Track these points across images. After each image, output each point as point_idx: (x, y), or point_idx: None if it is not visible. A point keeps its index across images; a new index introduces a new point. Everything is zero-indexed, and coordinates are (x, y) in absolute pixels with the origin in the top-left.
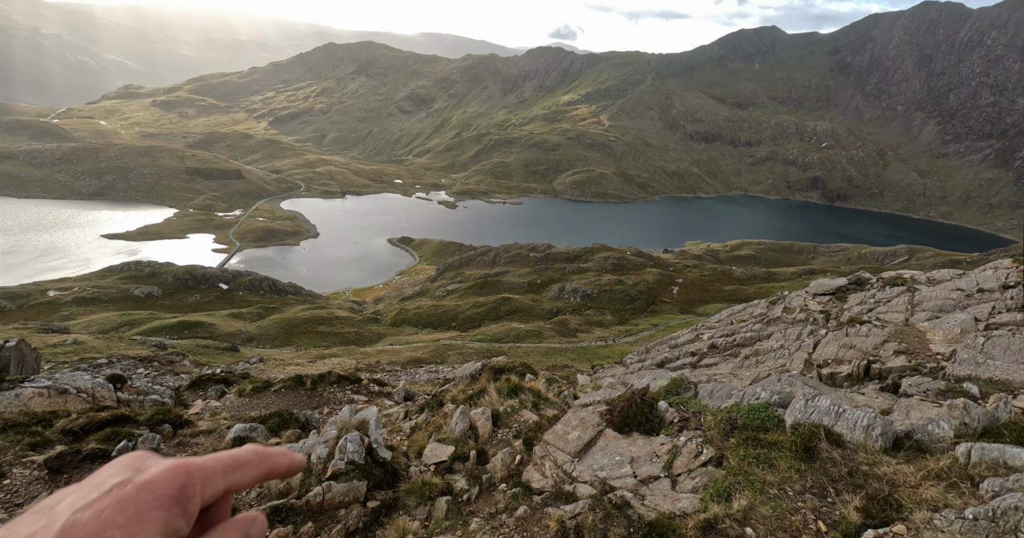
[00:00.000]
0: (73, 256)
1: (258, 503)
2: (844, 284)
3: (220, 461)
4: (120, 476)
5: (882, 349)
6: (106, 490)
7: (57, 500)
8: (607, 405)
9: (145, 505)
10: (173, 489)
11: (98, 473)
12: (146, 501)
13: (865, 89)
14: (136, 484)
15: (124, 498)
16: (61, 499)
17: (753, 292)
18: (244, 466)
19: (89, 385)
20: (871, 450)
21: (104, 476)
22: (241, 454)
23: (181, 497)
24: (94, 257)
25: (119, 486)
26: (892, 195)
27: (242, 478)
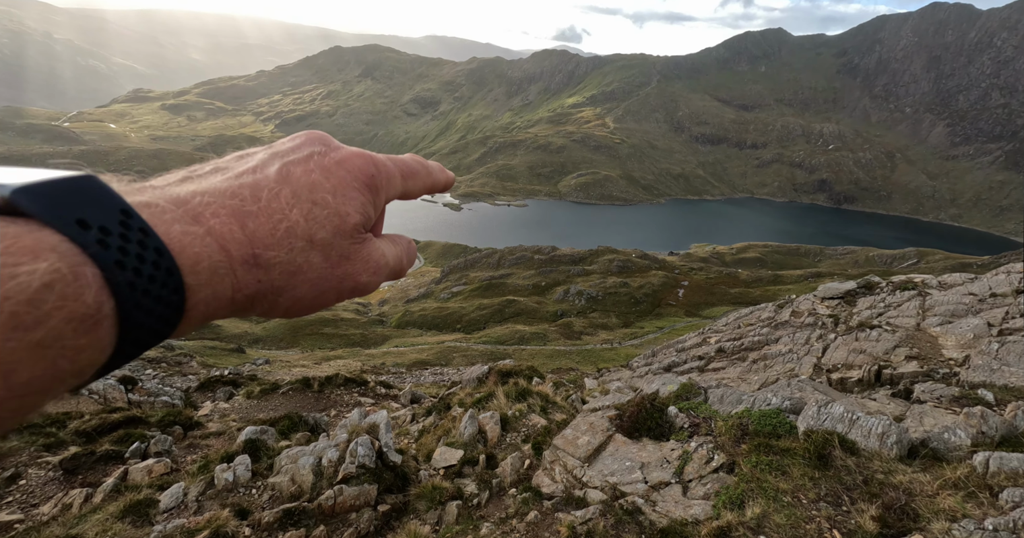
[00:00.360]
0: None
1: (271, 505)
2: (853, 288)
3: (398, 166)
4: (314, 147)
5: (893, 354)
6: (306, 155)
7: (251, 150)
8: (616, 410)
9: (345, 181)
10: (366, 175)
11: (281, 142)
12: (345, 178)
13: (873, 91)
14: (334, 159)
15: (326, 167)
16: (254, 151)
17: (759, 295)
18: (415, 175)
19: (101, 386)
20: (886, 458)
21: (294, 144)
22: (411, 164)
23: (372, 186)
24: None
25: (318, 156)
26: (900, 198)
27: (413, 186)
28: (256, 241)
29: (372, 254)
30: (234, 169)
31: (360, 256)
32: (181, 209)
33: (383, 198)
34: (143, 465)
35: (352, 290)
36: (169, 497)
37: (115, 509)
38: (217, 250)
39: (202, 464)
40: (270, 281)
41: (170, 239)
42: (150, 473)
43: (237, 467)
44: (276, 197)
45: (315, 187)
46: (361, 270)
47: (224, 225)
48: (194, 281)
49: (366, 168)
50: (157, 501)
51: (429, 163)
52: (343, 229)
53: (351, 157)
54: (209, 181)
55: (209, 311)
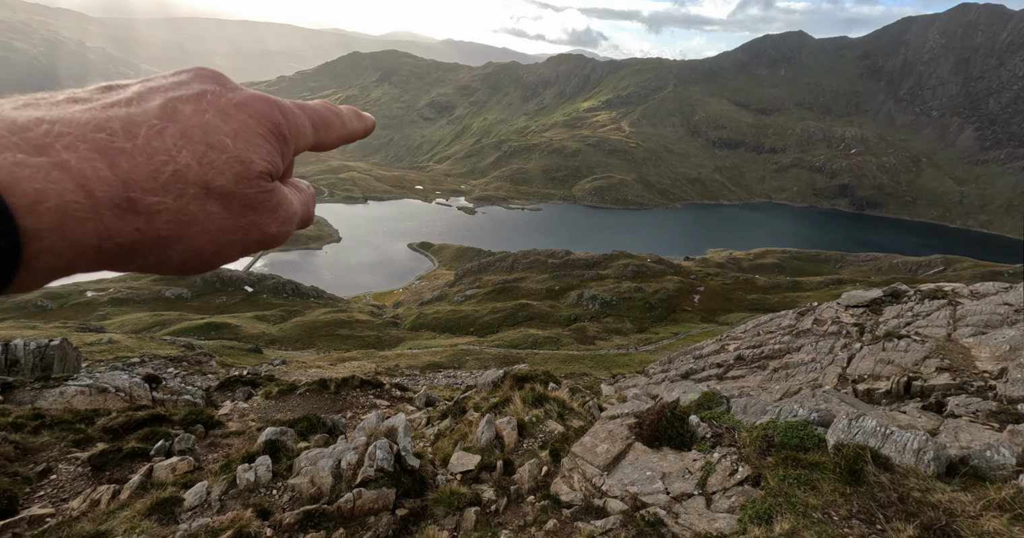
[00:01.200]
0: None
1: (291, 507)
2: (879, 296)
3: (308, 114)
4: (206, 85)
5: (923, 365)
6: (197, 93)
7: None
8: (636, 418)
9: (247, 126)
10: (271, 123)
11: (175, 72)
12: (247, 123)
13: (897, 94)
14: (232, 100)
15: (222, 109)
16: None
17: (778, 302)
18: (328, 125)
19: (127, 384)
20: (923, 475)
21: (179, 79)
22: (323, 112)
23: (279, 134)
24: None
25: (212, 95)
26: (926, 203)
27: (327, 136)
28: (132, 183)
29: (281, 203)
30: (98, 100)
31: (268, 206)
32: (18, 136)
33: (292, 148)
34: (167, 463)
35: (260, 242)
36: (193, 495)
37: (142, 506)
38: (72, 189)
39: (224, 463)
40: (154, 231)
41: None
42: (174, 471)
43: (258, 467)
44: (159, 135)
45: (210, 129)
46: (270, 221)
47: (84, 161)
48: (34, 224)
49: (271, 114)
50: (182, 499)
51: (341, 109)
52: (247, 176)
53: (252, 101)
54: (63, 110)
55: (64, 262)
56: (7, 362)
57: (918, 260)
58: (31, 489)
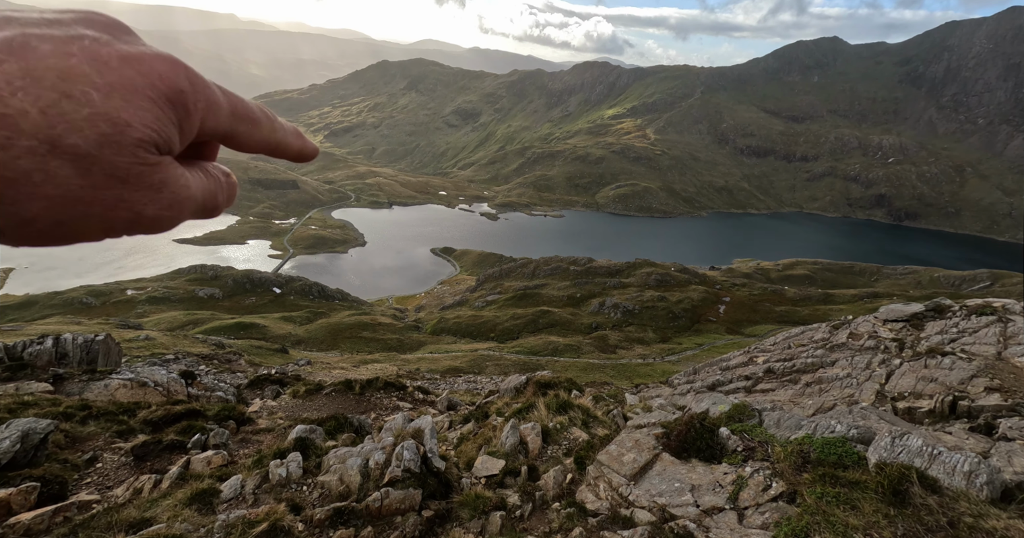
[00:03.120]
0: (150, 258)
1: (321, 503)
2: (920, 311)
3: (231, 99)
4: (93, 31)
5: (970, 384)
6: (72, 36)
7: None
8: (663, 428)
9: (130, 83)
10: (169, 87)
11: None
12: (131, 79)
13: (940, 101)
14: (119, 52)
15: (101, 59)
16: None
17: (808, 314)
18: (253, 121)
19: (165, 379)
20: (975, 500)
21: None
22: (251, 107)
23: (177, 102)
24: (167, 260)
25: (92, 41)
26: (971, 215)
27: (247, 131)
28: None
29: (167, 182)
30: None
31: (147, 182)
32: None
33: (195, 122)
34: (203, 456)
35: (131, 222)
36: (229, 488)
37: (182, 496)
38: None
39: (256, 459)
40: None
41: None
42: (209, 464)
43: (289, 464)
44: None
45: (72, 76)
46: (148, 201)
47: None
48: None
49: (172, 78)
50: (219, 491)
51: (279, 119)
52: (119, 142)
53: (149, 58)
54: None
55: None
56: (57, 355)
57: (962, 274)
58: (79, 476)
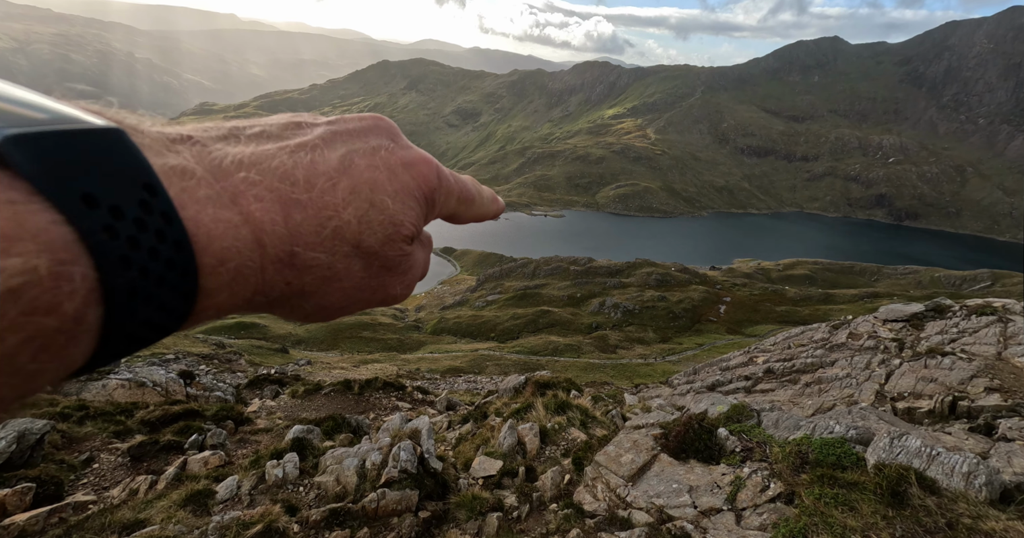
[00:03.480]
0: None
1: (317, 504)
2: (920, 310)
3: (458, 186)
4: (382, 140)
5: (970, 385)
6: (373, 147)
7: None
8: (661, 428)
9: (408, 188)
10: (428, 186)
11: (358, 118)
12: (408, 184)
13: (940, 101)
14: (402, 159)
15: (392, 167)
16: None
17: (808, 314)
18: (470, 202)
19: (163, 379)
20: (973, 501)
21: (361, 126)
22: (471, 188)
23: (431, 199)
24: None
25: (386, 151)
26: (971, 215)
27: (465, 211)
28: (298, 238)
29: (413, 267)
30: (287, 139)
31: (401, 268)
32: (220, 184)
33: (435, 212)
34: (200, 456)
35: (382, 301)
36: (225, 489)
37: (177, 497)
38: (251, 245)
39: (253, 459)
40: (300, 285)
41: (198, 228)
42: (206, 464)
43: (286, 464)
44: (332, 189)
45: (377, 187)
46: (397, 282)
47: (266, 213)
48: (212, 284)
49: (430, 178)
50: (214, 492)
51: (484, 191)
52: (394, 238)
53: (419, 162)
54: (258, 148)
55: (215, 315)
56: None
57: (962, 274)
58: (75, 476)
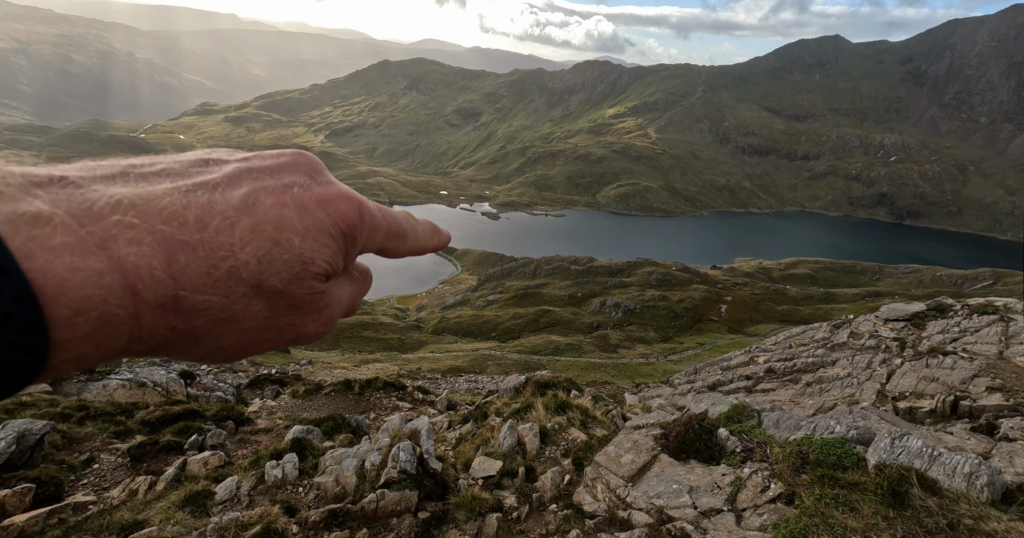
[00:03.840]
0: None
1: (316, 505)
2: (921, 310)
3: (388, 220)
4: (297, 176)
5: (972, 384)
6: (285, 184)
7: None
8: (661, 429)
9: (320, 224)
10: (346, 223)
11: (275, 155)
12: (321, 221)
13: (942, 100)
14: (317, 196)
15: (303, 205)
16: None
17: (810, 313)
18: (402, 236)
19: (164, 380)
20: (975, 502)
21: (276, 163)
22: (402, 223)
23: (349, 236)
24: None
25: (300, 188)
26: (973, 214)
27: (397, 246)
28: (183, 281)
29: (328, 305)
30: (190, 178)
31: (313, 306)
32: (86, 229)
33: (358, 249)
34: (200, 457)
35: (292, 340)
36: (224, 490)
37: (176, 498)
38: (119, 292)
39: (253, 459)
40: (189, 329)
41: (46, 279)
42: (206, 465)
43: (285, 465)
44: (229, 228)
45: (283, 224)
46: (310, 321)
47: (142, 258)
48: (67, 335)
49: (349, 215)
50: (213, 493)
51: (420, 224)
52: (301, 277)
53: (336, 198)
54: (150, 188)
55: (78, 366)
56: None
57: (964, 273)
58: (75, 477)
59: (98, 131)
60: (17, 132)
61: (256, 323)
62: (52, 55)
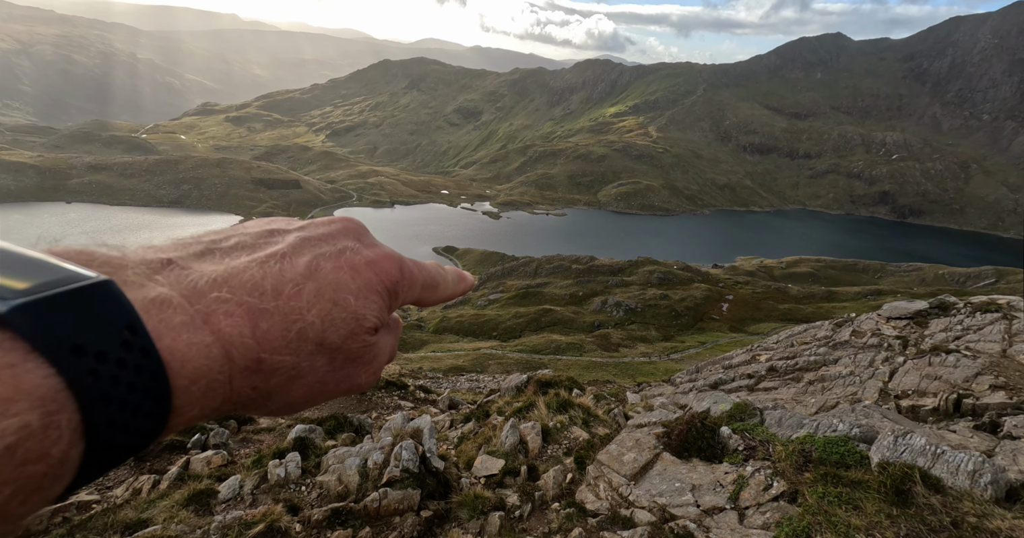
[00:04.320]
0: None
1: (319, 504)
2: (924, 308)
3: (422, 274)
4: (347, 242)
5: (975, 382)
6: (339, 249)
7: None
8: (663, 427)
9: (369, 283)
10: (391, 281)
11: (327, 222)
12: (371, 280)
13: (944, 97)
14: (365, 258)
15: (355, 266)
16: (285, 228)
17: (811, 312)
18: (435, 287)
19: None
20: (979, 500)
21: (329, 231)
22: (435, 275)
23: (393, 291)
24: None
25: (351, 252)
26: (976, 212)
27: (430, 296)
28: (264, 344)
29: (377, 356)
30: (260, 250)
31: (365, 358)
32: (195, 307)
33: (399, 303)
34: (203, 456)
35: (347, 390)
36: (227, 489)
37: (180, 497)
38: (220, 361)
39: (256, 458)
40: (267, 388)
41: (172, 355)
42: (209, 464)
43: (288, 464)
44: (298, 294)
45: (340, 286)
46: (362, 372)
47: (235, 327)
48: (184, 402)
49: (392, 273)
50: (216, 492)
51: (449, 273)
52: (356, 332)
53: (382, 259)
54: (232, 262)
55: (184, 427)
56: None
57: (966, 271)
58: None
59: (100, 131)
60: (19, 133)
61: (319, 377)
62: (54, 56)
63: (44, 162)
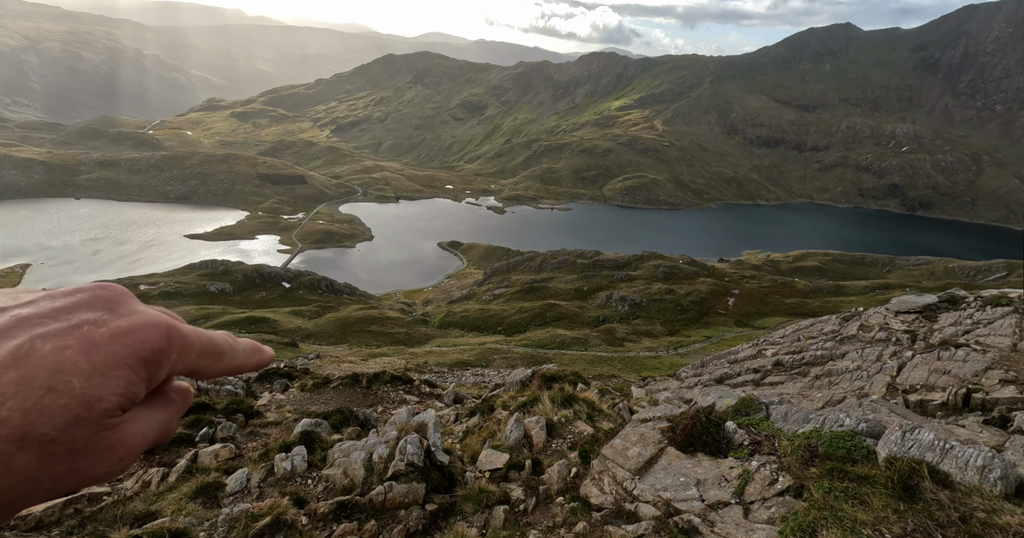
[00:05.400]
0: (163, 254)
1: (325, 497)
2: (933, 302)
3: (201, 341)
4: (94, 313)
5: (984, 377)
6: (74, 324)
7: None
8: (668, 422)
9: (114, 358)
10: (148, 350)
11: (68, 293)
12: (116, 354)
13: (956, 88)
14: (111, 330)
15: (93, 342)
16: (8, 304)
17: (818, 306)
18: (218, 356)
19: None
20: (988, 495)
21: (66, 303)
22: (221, 343)
23: (152, 361)
24: (178, 255)
25: (91, 325)
26: (987, 204)
27: (211, 365)
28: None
29: (123, 440)
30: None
31: (104, 444)
32: None
33: (164, 372)
34: (211, 449)
35: (79, 484)
36: (234, 481)
37: (188, 489)
38: None
39: (263, 452)
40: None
41: None
42: (216, 457)
43: (295, 457)
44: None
45: (61, 369)
46: (100, 461)
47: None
48: None
49: (154, 341)
50: (224, 484)
51: (240, 344)
52: (84, 418)
53: (139, 328)
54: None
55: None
56: None
57: (977, 265)
58: None
59: (107, 128)
60: (28, 129)
61: (22, 477)
62: (61, 52)
63: (53, 158)
